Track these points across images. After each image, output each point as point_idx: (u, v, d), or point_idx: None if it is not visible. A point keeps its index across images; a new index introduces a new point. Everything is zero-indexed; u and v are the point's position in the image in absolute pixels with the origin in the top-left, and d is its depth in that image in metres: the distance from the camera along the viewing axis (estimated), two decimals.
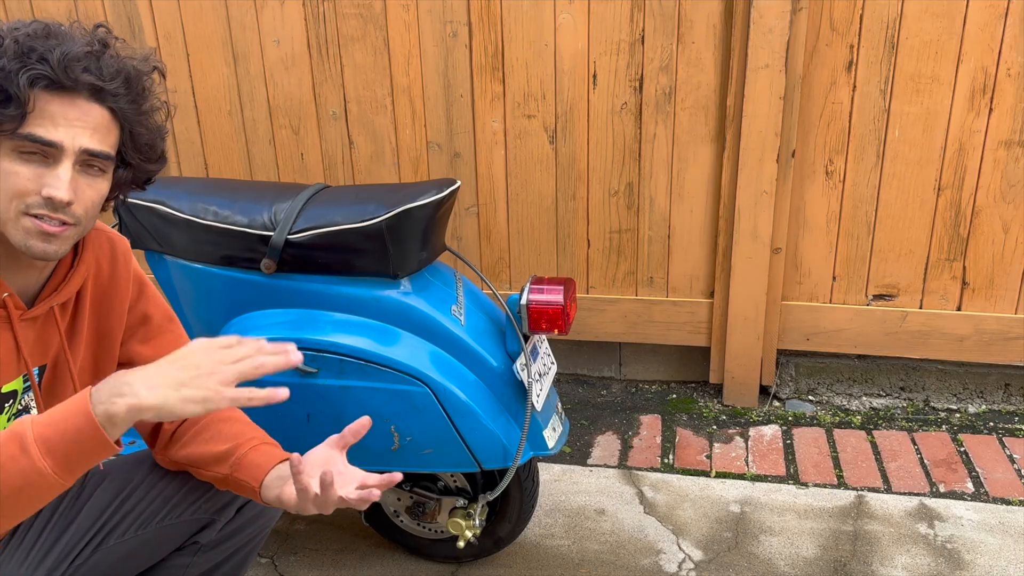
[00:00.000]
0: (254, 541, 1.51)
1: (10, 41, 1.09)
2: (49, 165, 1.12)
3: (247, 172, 2.88)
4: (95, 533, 1.40)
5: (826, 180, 2.50)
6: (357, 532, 2.21)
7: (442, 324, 1.76)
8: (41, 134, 1.10)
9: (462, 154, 2.69)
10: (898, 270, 2.55)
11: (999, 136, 2.37)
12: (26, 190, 1.11)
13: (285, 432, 1.79)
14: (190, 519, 1.44)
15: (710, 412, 2.72)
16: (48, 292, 1.24)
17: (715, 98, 2.48)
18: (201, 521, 1.45)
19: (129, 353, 1.38)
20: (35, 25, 1.13)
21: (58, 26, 1.15)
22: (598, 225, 2.68)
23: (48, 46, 1.10)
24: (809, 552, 2.09)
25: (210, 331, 1.86)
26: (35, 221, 1.12)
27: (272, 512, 1.51)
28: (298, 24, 2.66)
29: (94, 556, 1.39)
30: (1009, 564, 2.03)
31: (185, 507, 1.44)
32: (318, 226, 1.73)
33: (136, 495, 1.42)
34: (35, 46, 1.10)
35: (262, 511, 1.49)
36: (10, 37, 1.10)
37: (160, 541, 1.44)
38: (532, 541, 2.16)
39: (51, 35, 1.12)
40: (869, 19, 2.33)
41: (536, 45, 2.53)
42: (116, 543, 1.40)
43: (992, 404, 2.66)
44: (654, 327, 2.74)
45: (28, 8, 2.83)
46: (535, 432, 1.81)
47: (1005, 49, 2.29)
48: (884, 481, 2.34)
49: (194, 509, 1.44)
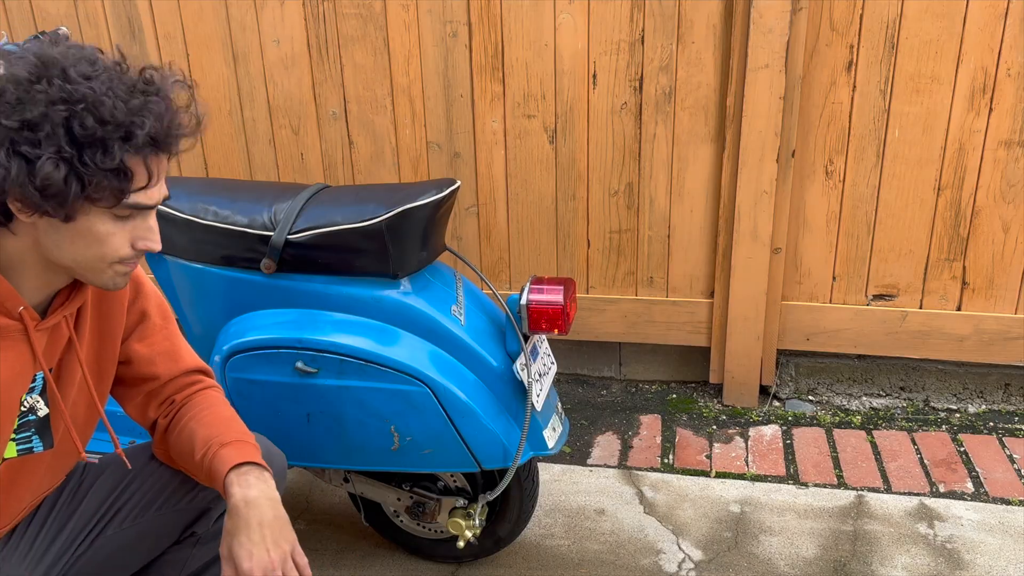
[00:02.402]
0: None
1: (108, 105, 1.06)
2: (136, 217, 1.15)
3: (247, 172, 2.88)
4: (95, 524, 1.41)
5: (826, 180, 2.50)
6: (357, 532, 2.21)
7: (442, 324, 1.76)
8: (144, 201, 1.13)
9: (462, 154, 2.69)
10: (898, 270, 2.55)
11: (999, 136, 2.37)
12: (123, 248, 1.15)
13: (285, 432, 1.79)
14: (186, 507, 1.45)
15: (710, 412, 2.72)
16: (60, 302, 1.25)
17: (715, 98, 2.48)
18: (197, 509, 1.46)
19: (127, 351, 1.39)
20: (107, 77, 1.08)
21: (120, 74, 1.11)
22: (598, 225, 2.68)
23: (141, 110, 1.08)
24: (809, 552, 2.09)
25: (210, 331, 1.86)
26: (124, 266, 1.18)
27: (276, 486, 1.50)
28: (298, 24, 2.66)
29: (94, 546, 1.41)
30: (1009, 564, 2.03)
31: (181, 496, 1.44)
32: (318, 226, 1.73)
33: (133, 486, 1.43)
34: (133, 111, 1.08)
35: None
36: (104, 99, 1.06)
37: (158, 531, 1.45)
38: (532, 541, 2.16)
39: (133, 91, 1.09)
40: (869, 19, 2.33)
41: (536, 45, 2.53)
42: (114, 532, 1.41)
43: (992, 404, 2.66)
44: (654, 327, 2.74)
45: (28, 8, 2.84)
46: (535, 432, 1.81)
47: (1005, 49, 2.29)
48: (884, 481, 2.34)
49: (190, 498, 1.45)
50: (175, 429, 1.39)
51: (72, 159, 1.04)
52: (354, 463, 1.80)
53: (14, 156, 1.03)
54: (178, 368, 1.43)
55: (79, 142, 1.04)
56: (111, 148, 1.06)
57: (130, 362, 1.39)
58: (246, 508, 1.24)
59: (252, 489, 1.25)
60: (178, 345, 1.44)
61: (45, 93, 1.03)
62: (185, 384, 1.43)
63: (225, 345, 1.76)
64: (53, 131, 1.03)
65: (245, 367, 1.75)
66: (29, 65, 1.05)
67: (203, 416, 1.38)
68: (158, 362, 1.41)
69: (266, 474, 1.29)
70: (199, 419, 1.37)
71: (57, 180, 1.03)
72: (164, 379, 1.41)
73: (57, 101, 1.03)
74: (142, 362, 1.39)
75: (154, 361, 1.40)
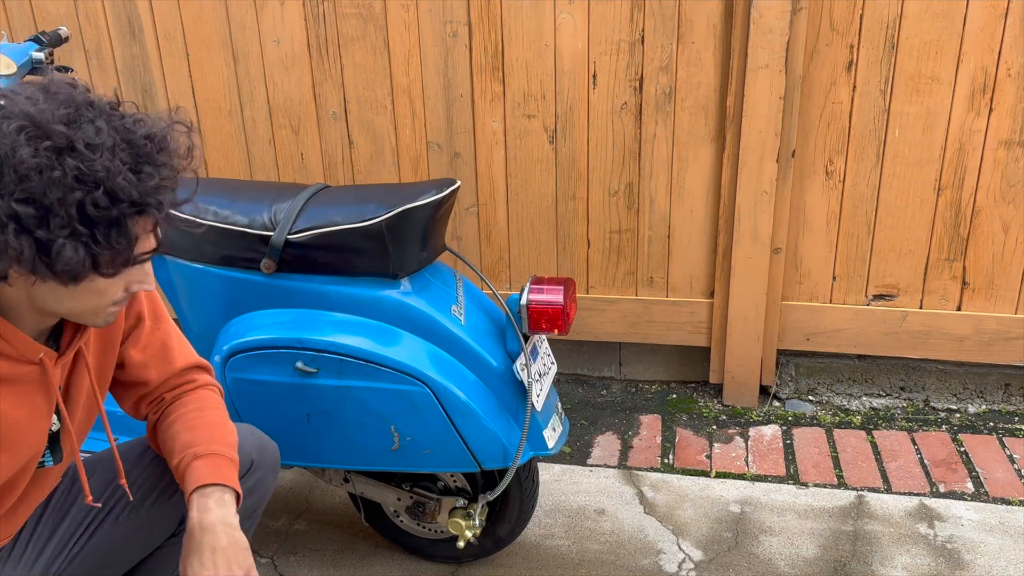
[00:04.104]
0: (251, 519, 1.51)
1: (122, 185, 1.02)
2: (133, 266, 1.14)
3: (247, 172, 2.88)
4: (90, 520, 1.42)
5: (826, 180, 2.50)
6: (357, 532, 2.21)
7: (442, 324, 1.76)
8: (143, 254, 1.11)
9: (462, 154, 2.69)
10: (898, 270, 2.55)
11: (999, 136, 2.37)
12: (118, 294, 1.15)
13: (285, 432, 1.79)
14: (181, 499, 1.45)
15: (710, 412, 2.72)
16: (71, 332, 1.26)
17: (715, 98, 2.48)
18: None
19: (122, 355, 1.40)
20: (112, 143, 1.03)
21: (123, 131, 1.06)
22: (598, 225, 2.68)
23: (155, 188, 1.06)
24: (809, 552, 2.09)
25: (210, 331, 1.86)
26: (117, 306, 1.17)
27: (264, 486, 1.51)
28: (298, 24, 2.66)
29: (91, 542, 1.41)
30: (1009, 564, 2.03)
31: (175, 488, 1.45)
32: (318, 226, 1.73)
33: (129, 478, 1.44)
34: (147, 191, 1.05)
35: (253, 487, 1.48)
36: (119, 180, 1.02)
37: (154, 523, 1.45)
38: (532, 541, 2.16)
39: (142, 159, 1.06)
40: (869, 19, 2.33)
41: (536, 45, 2.53)
42: (111, 527, 1.42)
43: (992, 404, 2.66)
44: (654, 327, 2.74)
45: (28, 8, 2.84)
46: (535, 432, 1.81)
47: (1005, 49, 2.29)
48: (884, 481, 2.34)
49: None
50: (162, 426, 1.40)
51: (86, 239, 1.02)
52: (354, 463, 1.80)
53: (23, 234, 1.00)
54: (170, 370, 1.43)
55: (93, 221, 1.02)
56: (125, 225, 1.05)
57: (124, 366, 1.40)
58: (200, 533, 1.25)
59: (209, 514, 1.26)
60: (170, 345, 1.44)
61: (60, 173, 0.99)
62: (176, 384, 1.44)
63: (225, 345, 1.76)
64: (67, 213, 1.00)
65: (245, 367, 1.75)
66: (29, 136, 1.00)
67: (188, 418, 1.38)
68: (151, 365, 1.41)
69: (228, 496, 1.29)
70: (183, 421, 1.38)
71: (71, 259, 1.02)
72: (156, 383, 1.42)
73: (71, 186, 1.00)
74: (135, 367, 1.40)
75: (147, 365, 1.41)
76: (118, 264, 1.07)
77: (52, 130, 1.01)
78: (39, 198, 0.99)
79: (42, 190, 0.99)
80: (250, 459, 1.46)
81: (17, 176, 0.98)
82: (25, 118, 1.00)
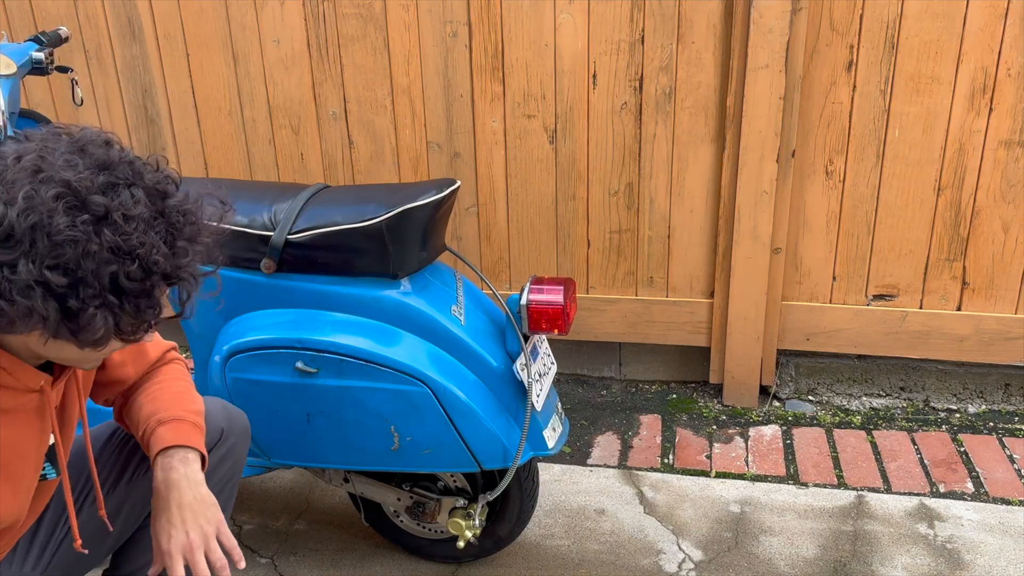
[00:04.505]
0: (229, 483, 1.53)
1: (156, 259, 1.02)
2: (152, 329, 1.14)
3: (247, 172, 2.88)
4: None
5: (826, 180, 2.50)
6: (357, 532, 2.21)
7: (442, 324, 1.76)
8: (167, 316, 1.12)
9: (462, 154, 2.69)
10: (898, 270, 2.55)
11: (999, 136, 2.37)
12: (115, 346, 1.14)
13: (285, 432, 1.79)
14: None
15: (710, 412, 2.72)
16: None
17: (715, 98, 2.48)
18: None
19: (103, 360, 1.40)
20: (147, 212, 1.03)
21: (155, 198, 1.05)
22: (598, 225, 2.68)
23: (186, 264, 1.06)
24: (809, 552, 2.09)
25: (210, 331, 1.86)
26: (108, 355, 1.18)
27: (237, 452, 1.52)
28: (298, 24, 2.66)
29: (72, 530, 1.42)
30: (1009, 564, 2.03)
31: (147, 464, 1.46)
32: (318, 226, 1.73)
33: (100, 462, 1.45)
34: (180, 266, 1.06)
35: (226, 455, 1.50)
36: (153, 254, 1.02)
37: (133, 500, 1.46)
38: (532, 541, 2.16)
39: (175, 232, 1.06)
40: (869, 19, 2.33)
41: (536, 45, 2.53)
42: (89, 512, 1.43)
43: (992, 404, 2.66)
44: (654, 327, 2.74)
45: (28, 8, 2.84)
46: (535, 432, 1.81)
47: (1005, 49, 2.29)
48: (884, 481, 2.34)
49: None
50: (128, 404, 1.42)
51: (115, 307, 1.02)
52: (354, 463, 1.80)
53: (50, 300, 0.99)
54: (146, 363, 1.45)
55: (124, 291, 1.02)
56: (154, 294, 1.05)
57: (104, 367, 1.41)
58: (165, 490, 1.27)
59: (173, 472, 1.28)
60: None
61: (96, 247, 0.98)
62: (148, 373, 1.46)
63: (225, 345, 1.76)
64: (99, 284, 1.00)
65: (245, 367, 1.75)
66: (68, 206, 0.98)
67: (151, 391, 1.40)
68: (128, 363, 1.43)
69: (191, 455, 1.31)
70: (147, 394, 1.40)
71: (99, 327, 1.01)
72: (134, 378, 1.44)
73: (107, 258, 0.99)
74: (114, 367, 1.42)
75: (125, 363, 1.42)
76: (140, 331, 1.07)
77: (90, 200, 0.99)
78: (72, 268, 0.98)
79: (76, 261, 0.98)
80: (220, 428, 1.49)
81: (51, 243, 0.97)
82: (64, 185, 0.99)
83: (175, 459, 1.29)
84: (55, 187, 0.98)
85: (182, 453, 1.30)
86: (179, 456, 1.30)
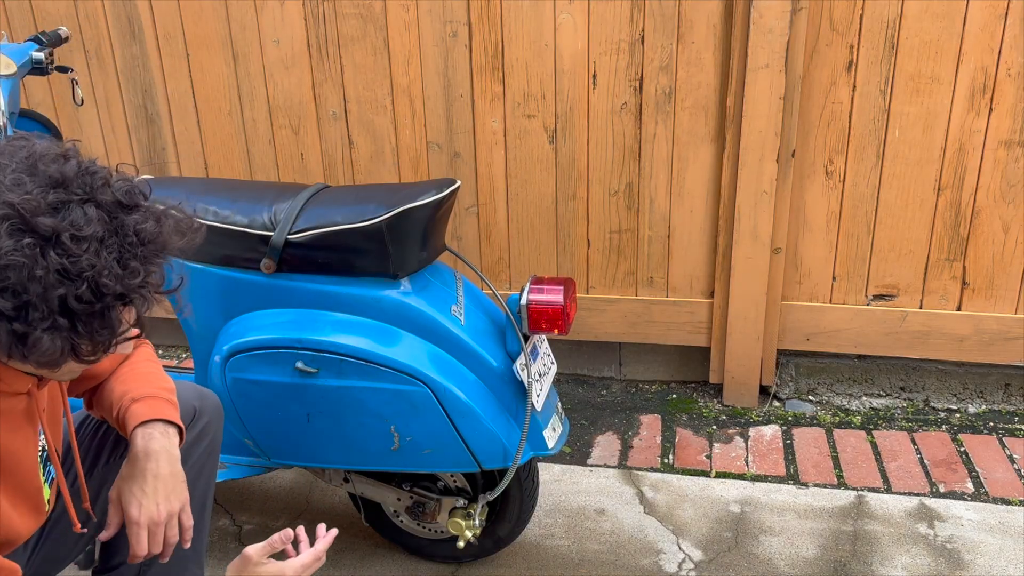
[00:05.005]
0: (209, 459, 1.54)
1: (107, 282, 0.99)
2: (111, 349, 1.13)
3: (247, 172, 2.88)
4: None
5: (826, 180, 2.50)
6: (357, 532, 2.21)
7: (442, 324, 1.76)
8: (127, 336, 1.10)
9: (462, 154, 2.69)
10: (898, 270, 2.55)
11: (999, 136, 2.37)
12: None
13: (285, 432, 1.79)
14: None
15: (710, 412, 2.72)
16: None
17: (715, 98, 2.48)
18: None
19: None
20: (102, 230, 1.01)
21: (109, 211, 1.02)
22: (598, 225, 2.68)
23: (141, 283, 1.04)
24: (809, 552, 2.09)
25: (209, 331, 1.86)
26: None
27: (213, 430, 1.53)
28: (298, 24, 2.66)
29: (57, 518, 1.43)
30: (1009, 564, 2.03)
31: (124, 445, 1.46)
32: (318, 226, 1.73)
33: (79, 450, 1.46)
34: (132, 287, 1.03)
35: (202, 432, 1.50)
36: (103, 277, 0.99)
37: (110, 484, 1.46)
38: (532, 541, 2.16)
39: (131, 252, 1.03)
40: (869, 19, 2.33)
41: (536, 45, 2.53)
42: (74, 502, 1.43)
43: (992, 404, 2.66)
44: (654, 327, 2.74)
45: (28, 8, 2.84)
46: (535, 432, 1.81)
47: (1005, 49, 2.29)
48: (884, 481, 2.34)
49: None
50: (99, 390, 1.42)
51: (66, 331, 1.00)
52: (354, 463, 1.80)
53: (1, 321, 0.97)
54: (120, 356, 1.45)
55: (74, 314, 0.99)
56: (108, 316, 1.03)
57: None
58: (144, 459, 1.27)
59: (154, 442, 1.29)
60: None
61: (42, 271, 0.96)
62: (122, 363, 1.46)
63: (225, 345, 1.76)
64: (47, 307, 0.97)
65: (245, 367, 1.75)
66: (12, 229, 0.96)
67: (120, 374, 1.40)
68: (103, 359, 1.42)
69: (171, 430, 1.32)
70: (116, 377, 1.40)
71: (48, 350, 1.00)
72: (109, 371, 1.44)
73: (53, 282, 0.97)
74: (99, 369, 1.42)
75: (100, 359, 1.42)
76: (98, 352, 1.06)
77: (37, 223, 0.97)
78: (19, 291, 0.96)
79: (22, 284, 0.96)
80: (192, 407, 1.49)
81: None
82: (8, 207, 0.97)
83: (156, 430, 1.30)
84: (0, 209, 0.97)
85: (163, 427, 1.31)
86: (160, 428, 1.31)
